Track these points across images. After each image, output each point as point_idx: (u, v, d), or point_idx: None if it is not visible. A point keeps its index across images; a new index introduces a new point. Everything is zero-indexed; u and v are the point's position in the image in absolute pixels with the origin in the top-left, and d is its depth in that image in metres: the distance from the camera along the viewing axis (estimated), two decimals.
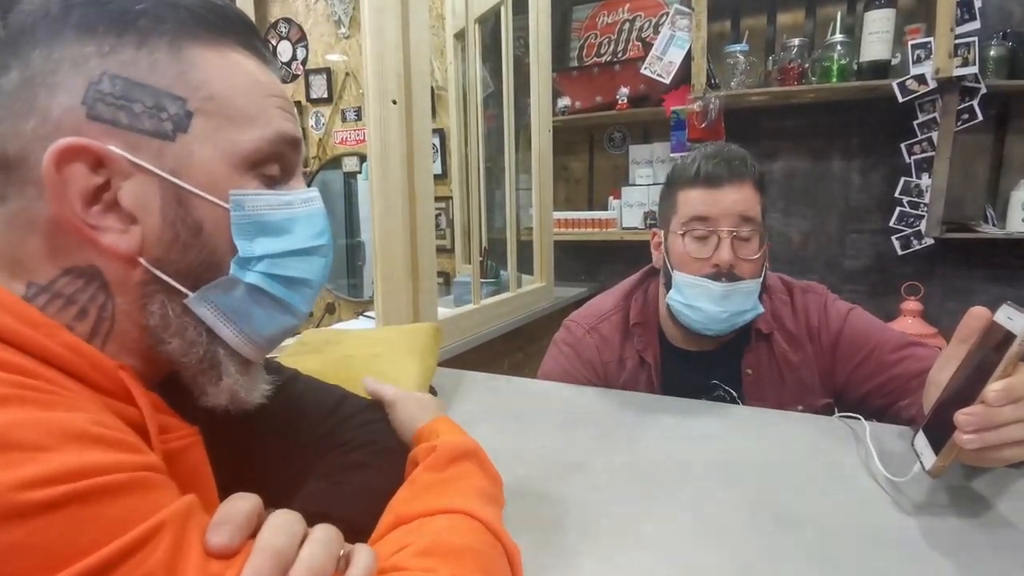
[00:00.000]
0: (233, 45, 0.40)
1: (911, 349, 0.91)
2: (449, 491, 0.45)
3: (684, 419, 0.85)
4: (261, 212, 0.40)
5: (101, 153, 0.35)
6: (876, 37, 1.84)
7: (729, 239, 0.87)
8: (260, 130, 0.40)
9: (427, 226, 1.27)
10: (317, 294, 0.45)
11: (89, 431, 0.29)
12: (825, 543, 0.53)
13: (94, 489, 0.27)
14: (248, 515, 0.32)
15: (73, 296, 0.36)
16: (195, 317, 0.39)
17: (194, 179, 0.37)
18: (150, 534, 0.27)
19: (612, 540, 0.54)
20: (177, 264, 0.38)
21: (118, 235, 0.36)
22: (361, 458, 0.52)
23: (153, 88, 0.36)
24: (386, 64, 1.16)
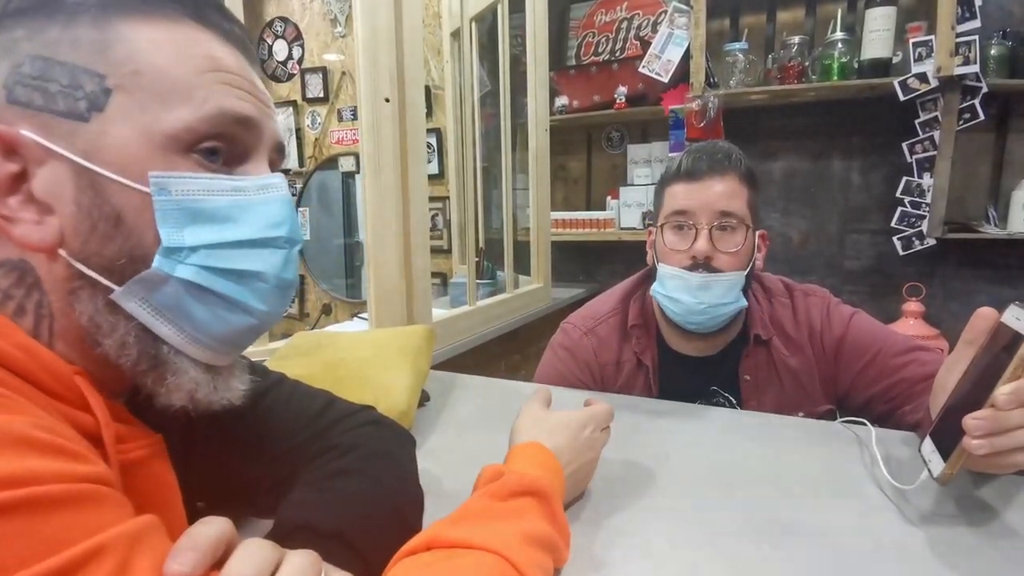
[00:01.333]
0: (178, 17, 0.36)
1: (915, 354, 0.89)
2: (494, 527, 0.42)
3: (683, 423, 0.83)
4: (195, 197, 0.36)
5: (11, 138, 0.33)
6: (877, 35, 1.82)
7: (707, 231, 0.88)
8: (194, 107, 0.36)
9: (421, 226, 1.25)
10: (280, 291, 0.40)
11: (29, 435, 0.27)
12: (827, 552, 0.51)
13: (30, 499, 0.25)
14: (214, 542, 0.29)
15: (8, 291, 0.34)
16: (125, 314, 0.35)
17: (110, 162, 0.34)
18: (88, 556, 0.25)
19: (608, 546, 0.52)
20: (99, 257, 0.35)
21: (31, 226, 0.34)
22: (348, 464, 0.49)
23: (71, 65, 0.34)
24: (379, 62, 1.14)
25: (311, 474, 0.48)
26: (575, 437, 0.57)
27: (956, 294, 2.00)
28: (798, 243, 2.21)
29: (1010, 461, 0.50)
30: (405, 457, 0.55)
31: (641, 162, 2.40)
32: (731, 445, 0.76)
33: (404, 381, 0.83)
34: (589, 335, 1.04)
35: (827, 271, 2.18)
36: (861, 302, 2.15)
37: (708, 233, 0.87)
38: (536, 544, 0.43)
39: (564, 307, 2.19)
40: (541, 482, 0.48)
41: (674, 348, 1.00)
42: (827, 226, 2.18)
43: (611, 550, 0.52)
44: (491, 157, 2.22)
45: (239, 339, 0.40)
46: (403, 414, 0.78)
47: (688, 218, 0.89)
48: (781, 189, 2.21)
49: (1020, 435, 0.48)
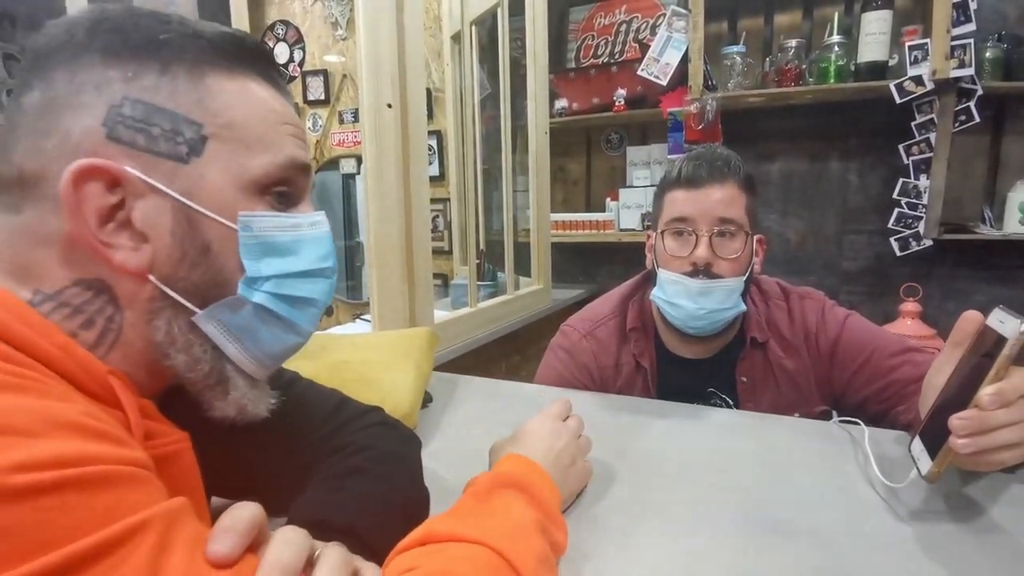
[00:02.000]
0: (250, 74, 0.41)
1: (909, 355, 0.91)
2: (482, 521, 0.45)
3: (680, 423, 0.84)
4: (269, 233, 0.41)
5: (117, 174, 0.36)
6: (873, 38, 1.84)
7: (707, 237, 0.89)
8: (272, 155, 0.41)
9: (423, 229, 1.27)
10: (321, 314, 0.46)
11: (80, 421, 0.29)
12: (820, 549, 0.53)
13: (80, 478, 0.27)
14: (250, 525, 0.32)
15: (80, 306, 0.37)
16: (201, 334, 0.40)
17: (204, 201, 0.38)
18: (133, 530, 0.27)
19: (607, 544, 0.54)
20: (185, 282, 0.39)
21: (129, 252, 0.37)
22: (360, 463, 0.51)
23: (172, 113, 0.38)
24: (381, 68, 1.15)
25: (325, 472, 0.50)
26: (541, 436, 0.60)
27: (953, 294, 2.02)
28: (796, 244, 2.23)
29: (994, 459, 0.51)
30: (412, 458, 0.57)
31: (640, 164, 2.42)
32: (727, 444, 0.77)
33: (408, 383, 0.84)
34: (588, 337, 1.05)
35: (825, 272, 2.20)
36: (859, 303, 2.17)
37: (708, 240, 0.89)
38: (526, 533, 0.45)
39: (564, 308, 2.20)
40: (518, 475, 0.51)
41: (672, 351, 1.02)
42: (825, 227, 2.19)
43: (607, 546, 0.54)
44: (491, 159, 2.24)
45: (285, 356, 0.45)
46: (407, 415, 0.79)
47: (688, 225, 0.90)
48: (779, 191, 2.23)
49: (1003, 434, 0.50)
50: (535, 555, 0.43)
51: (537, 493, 0.49)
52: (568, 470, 0.59)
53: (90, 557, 0.26)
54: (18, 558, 0.24)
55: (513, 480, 0.50)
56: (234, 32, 0.42)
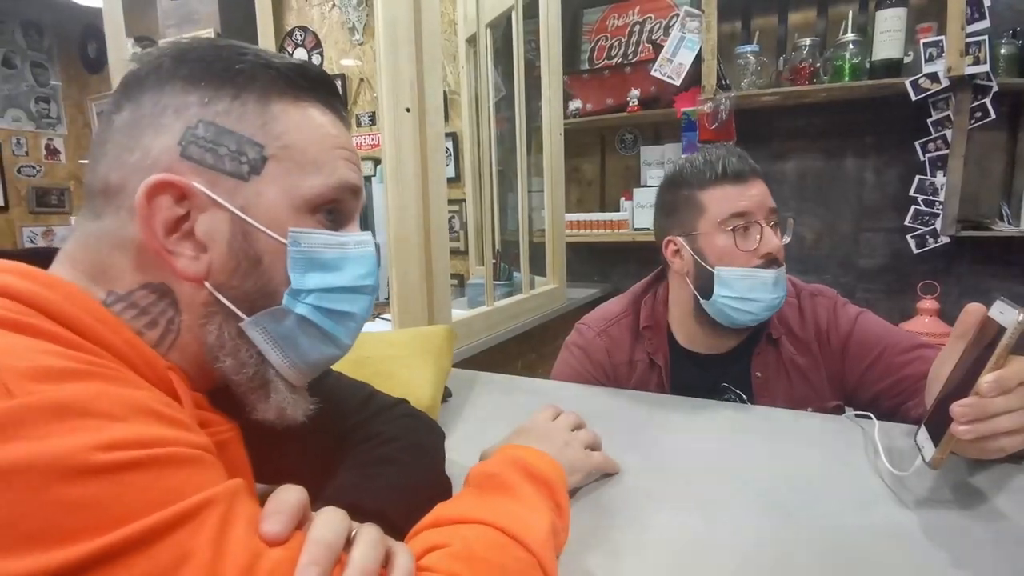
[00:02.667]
0: (313, 102, 0.45)
1: (920, 351, 0.92)
2: (485, 502, 0.47)
3: (694, 417, 0.87)
4: (316, 250, 0.44)
5: (185, 188, 0.40)
6: (888, 36, 1.84)
7: (769, 227, 0.90)
8: (325, 178, 0.44)
9: (441, 230, 1.30)
10: (360, 328, 0.49)
11: (154, 407, 0.32)
12: (827, 535, 0.54)
13: (156, 458, 0.30)
14: (297, 507, 0.35)
15: (146, 308, 0.41)
16: (248, 340, 0.43)
17: (260, 216, 0.42)
18: (201, 506, 0.30)
19: (622, 535, 0.56)
20: (236, 290, 0.42)
21: (190, 260, 0.41)
22: (389, 453, 0.55)
23: (238, 135, 0.41)
24: (400, 73, 1.19)
25: (356, 459, 0.54)
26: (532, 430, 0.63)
27: (971, 291, 2.01)
28: (811, 242, 2.23)
29: (995, 446, 0.53)
30: (437, 448, 0.60)
31: (654, 164, 2.43)
32: (739, 437, 0.79)
33: (428, 378, 0.87)
34: (602, 335, 1.07)
35: (841, 270, 2.20)
36: (876, 300, 2.16)
37: (770, 230, 0.91)
38: (527, 510, 0.47)
39: (579, 307, 2.22)
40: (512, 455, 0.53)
41: (686, 347, 1.04)
42: (841, 225, 2.19)
43: (623, 535, 0.56)
44: (506, 160, 2.27)
45: (323, 366, 0.48)
46: (428, 409, 0.82)
47: (748, 219, 0.90)
48: (794, 189, 2.23)
49: (1002, 421, 0.51)
50: (539, 528, 0.45)
51: (531, 467, 0.52)
52: (564, 449, 0.61)
53: (165, 529, 0.29)
54: (102, 528, 0.27)
55: (507, 460, 0.52)
56: (302, 63, 0.45)
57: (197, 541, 0.29)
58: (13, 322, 0.32)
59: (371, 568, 0.34)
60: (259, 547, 0.32)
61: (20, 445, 0.27)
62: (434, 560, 0.39)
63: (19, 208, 3.73)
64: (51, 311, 0.35)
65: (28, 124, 3.77)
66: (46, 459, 0.27)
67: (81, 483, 0.27)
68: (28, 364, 0.30)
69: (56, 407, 0.28)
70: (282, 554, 0.32)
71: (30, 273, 0.37)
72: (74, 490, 0.27)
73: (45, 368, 0.30)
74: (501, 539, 0.43)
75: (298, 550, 0.33)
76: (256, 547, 0.31)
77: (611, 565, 0.51)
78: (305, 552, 0.33)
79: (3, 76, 3.64)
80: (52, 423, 0.28)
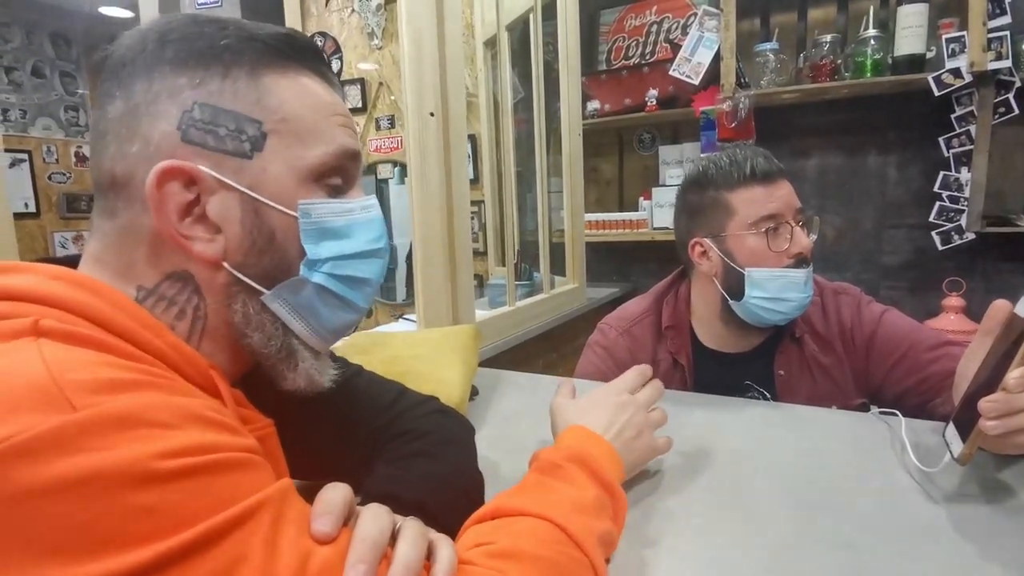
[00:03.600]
0: (302, 70, 0.44)
1: (946, 348, 0.91)
2: (547, 496, 0.48)
3: (719, 414, 0.87)
4: (325, 219, 0.44)
5: (193, 172, 0.40)
6: (910, 31, 1.83)
7: (798, 227, 0.91)
8: (325, 146, 0.44)
9: (464, 231, 1.32)
10: (375, 292, 0.50)
11: (205, 414, 0.34)
12: (857, 528, 0.55)
13: (213, 464, 0.31)
14: (344, 505, 0.36)
15: (174, 298, 0.42)
16: (271, 313, 0.44)
17: (268, 192, 0.42)
18: (254, 509, 0.32)
19: (650, 528, 0.57)
20: (255, 267, 0.43)
21: (206, 243, 0.41)
22: (422, 447, 0.56)
23: (235, 113, 0.41)
24: (424, 78, 1.21)
25: (391, 453, 0.55)
26: (606, 408, 0.62)
27: (997, 288, 1.98)
28: (833, 240, 2.22)
29: (1022, 440, 0.53)
30: (469, 443, 0.62)
31: (673, 163, 2.43)
32: (768, 434, 0.80)
33: (456, 377, 0.89)
34: (624, 335, 1.08)
35: (863, 267, 2.18)
36: (900, 298, 2.14)
37: (800, 229, 0.91)
38: (588, 510, 0.48)
39: (598, 307, 2.23)
40: (581, 450, 0.54)
41: (709, 346, 1.04)
42: (863, 222, 2.17)
43: (651, 528, 0.57)
44: (524, 162, 2.28)
45: (344, 331, 0.49)
46: (457, 406, 0.84)
47: (779, 219, 0.91)
48: (815, 186, 2.22)
49: None
50: (595, 530, 0.46)
51: (598, 468, 0.52)
52: (632, 442, 0.61)
53: (223, 532, 0.30)
54: (167, 532, 0.28)
55: (576, 456, 0.53)
56: (286, 31, 0.44)
57: (252, 543, 0.31)
58: (66, 333, 0.34)
59: (415, 563, 0.36)
60: (310, 546, 0.33)
61: (88, 456, 0.28)
62: (478, 555, 0.40)
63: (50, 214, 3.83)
64: (102, 320, 0.36)
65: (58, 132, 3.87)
66: (112, 468, 0.28)
67: (145, 490, 0.28)
68: (87, 376, 0.31)
69: (117, 418, 0.30)
70: (331, 552, 0.33)
71: (78, 280, 0.38)
72: (139, 497, 0.28)
73: (102, 380, 0.31)
74: (557, 535, 0.44)
75: (346, 547, 0.34)
76: (307, 547, 0.33)
77: (643, 559, 0.52)
78: (353, 550, 0.34)
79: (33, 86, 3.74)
80: (115, 434, 0.29)
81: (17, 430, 0.27)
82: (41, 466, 0.27)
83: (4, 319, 0.34)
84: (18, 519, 0.27)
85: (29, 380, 0.30)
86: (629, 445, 0.60)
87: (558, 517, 0.45)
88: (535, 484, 0.50)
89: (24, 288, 0.36)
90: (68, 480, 0.27)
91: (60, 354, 0.32)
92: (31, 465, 0.27)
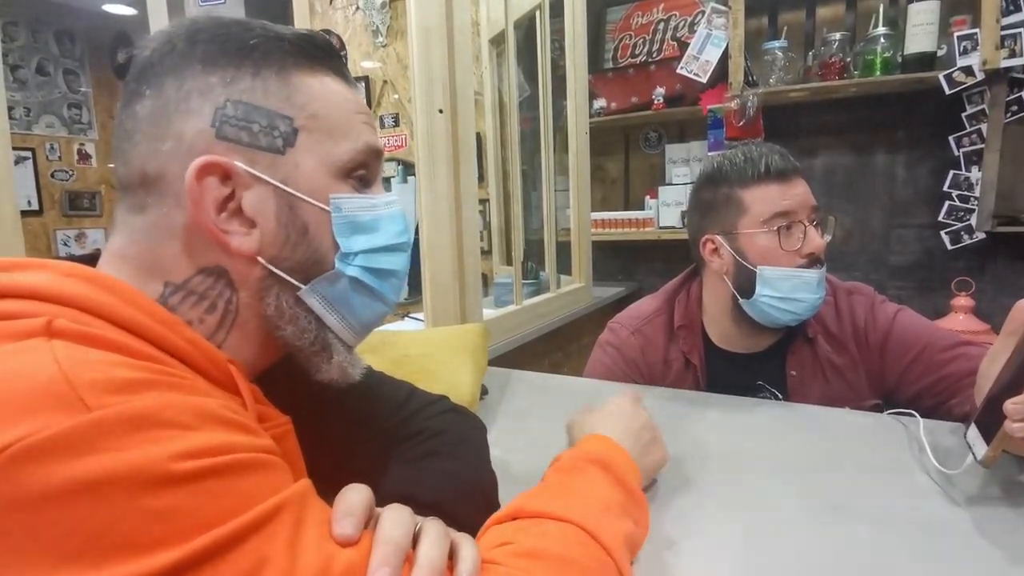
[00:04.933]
0: (325, 70, 0.45)
1: (962, 348, 0.90)
2: (571, 499, 0.47)
3: (732, 415, 0.86)
4: (355, 213, 0.45)
5: (228, 167, 0.40)
6: (921, 29, 1.81)
7: (812, 227, 0.90)
8: (352, 142, 0.45)
9: (471, 230, 1.31)
10: (403, 285, 0.50)
11: (223, 415, 0.33)
12: (877, 531, 0.54)
13: (229, 465, 0.31)
14: (365, 507, 0.36)
15: (205, 292, 0.42)
16: (305, 307, 0.44)
17: (301, 187, 0.43)
18: (274, 511, 0.31)
19: (665, 530, 0.56)
20: (289, 261, 0.43)
21: (242, 238, 0.42)
22: (434, 447, 0.56)
23: (267, 110, 0.42)
24: (432, 75, 1.20)
25: (405, 453, 0.55)
26: (621, 415, 0.63)
27: (1007, 288, 1.97)
28: (841, 239, 2.20)
29: None
30: (481, 442, 0.61)
31: (680, 162, 2.42)
32: (782, 435, 0.79)
33: (466, 375, 0.89)
34: (636, 334, 1.07)
35: (872, 267, 2.17)
36: (908, 298, 2.13)
37: (814, 229, 0.90)
38: (611, 512, 0.47)
39: (604, 306, 2.22)
40: (603, 454, 0.53)
41: (721, 346, 1.03)
42: (871, 221, 2.16)
43: (666, 531, 0.56)
44: (530, 160, 2.27)
45: (375, 324, 0.50)
46: (468, 405, 0.83)
47: (791, 218, 0.90)
48: (822, 185, 2.20)
49: None
50: (620, 532, 0.46)
51: (620, 473, 0.52)
52: (648, 447, 0.61)
53: (243, 535, 0.29)
54: (185, 536, 0.28)
55: (598, 459, 0.52)
56: (308, 33, 0.46)
57: (274, 546, 0.30)
58: (80, 334, 0.33)
59: (438, 564, 0.35)
60: (332, 549, 0.32)
61: (101, 458, 0.27)
62: (503, 555, 0.39)
63: (53, 212, 3.83)
64: (117, 318, 0.36)
65: (61, 130, 3.87)
66: (128, 470, 0.27)
67: (162, 493, 0.28)
68: (101, 376, 0.30)
69: (132, 419, 0.29)
70: (354, 555, 0.33)
71: (92, 277, 0.37)
72: (156, 500, 0.28)
73: (117, 380, 0.30)
74: (583, 537, 0.43)
75: (369, 550, 0.33)
76: (329, 550, 0.32)
77: (651, 561, 0.52)
78: (375, 553, 0.33)
79: (37, 83, 3.74)
80: (130, 435, 0.28)
81: (29, 431, 0.27)
82: (55, 468, 0.26)
83: (17, 318, 0.33)
84: (31, 523, 0.26)
85: (42, 381, 0.29)
86: (643, 452, 0.61)
87: (583, 518, 0.44)
88: (557, 485, 0.50)
89: (37, 286, 0.35)
90: (82, 483, 0.27)
91: (74, 354, 0.31)
92: (44, 467, 0.26)
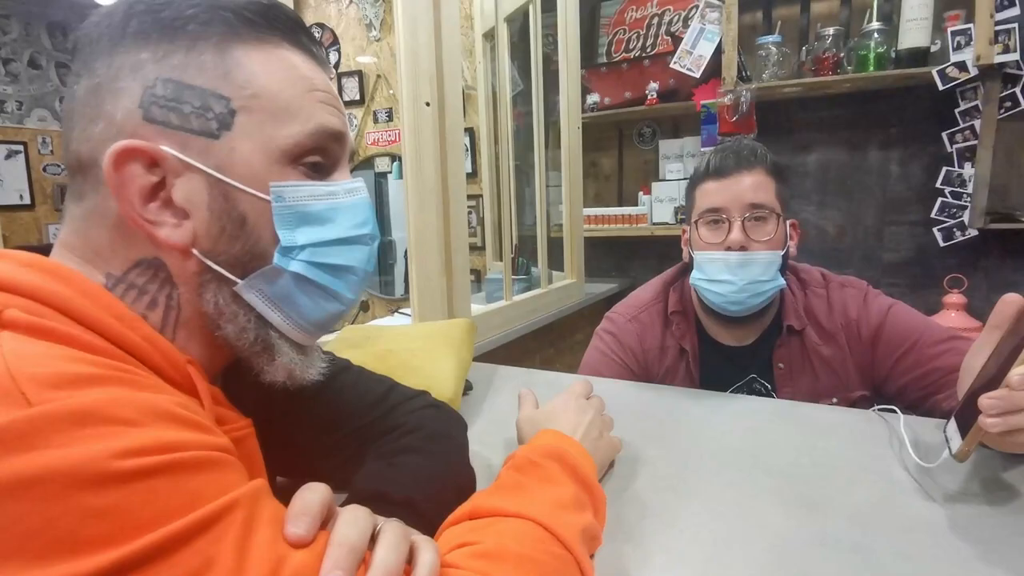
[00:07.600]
0: (279, 42, 0.41)
1: (952, 343, 0.90)
2: (524, 495, 0.46)
3: (718, 411, 0.86)
4: (303, 203, 0.41)
5: (154, 153, 0.37)
6: (914, 24, 1.80)
7: (739, 223, 0.91)
8: (301, 124, 0.41)
9: (460, 224, 1.30)
10: (364, 281, 0.46)
11: (173, 411, 0.32)
12: (853, 526, 0.54)
13: (177, 463, 0.29)
14: (321, 506, 0.34)
15: (144, 286, 0.39)
16: (245, 304, 0.41)
17: (237, 174, 0.39)
18: (224, 510, 0.30)
19: (647, 526, 0.56)
20: (226, 254, 0.40)
21: (172, 229, 0.39)
22: (412, 443, 0.55)
23: (200, 89, 0.38)
24: (419, 67, 1.19)
25: (380, 449, 0.54)
26: (569, 411, 0.63)
27: (999, 285, 1.96)
28: (834, 236, 2.20)
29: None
30: (460, 438, 0.60)
31: (673, 157, 2.41)
32: (764, 430, 0.78)
33: (449, 371, 0.88)
34: (633, 321, 1.09)
35: (864, 264, 2.16)
36: (900, 295, 2.10)
37: (741, 224, 0.91)
38: (567, 506, 0.46)
39: (597, 302, 2.22)
40: (557, 449, 0.52)
41: (712, 337, 1.04)
42: (864, 218, 2.15)
43: (649, 524, 0.56)
44: (522, 155, 2.26)
45: (329, 323, 0.46)
46: (450, 401, 0.83)
47: (721, 213, 0.93)
48: (816, 182, 2.20)
49: None
50: (577, 526, 0.45)
51: (575, 465, 0.51)
52: (597, 442, 0.61)
53: (188, 535, 0.28)
54: (126, 536, 0.27)
55: (551, 453, 0.51)
56: (267, 1, 0.41)
57: (221, 547, 0.29)
58: (30, 326, 0.32)
59: (394, 568, 0.33)
60: (283, 551, 0.31)
61: (40, 454, 0.26)
62: (461, 557, 0.38)
63: (45, 206, 3.81)
64: (73, 311, 0.34)
65: (53, 123, 3.84)
66: (67, 468, 0.26)
67: (103, 491, 0.27)
68: (46, 371, 0.29)
69: (75, 414, 0.28)
70: (306, 557, 0.31)
71: (50, 268, 0.36)
72: (96, 498, 0.27)
73: (63, 375, 0.29)
74: (539, 533, 0.42)
75: (322, 551, 0.32)
76: (280, 551, 0.31)
77: (639, 557, 0.51)
78: (328, 555, 0.32)
79: (29, 77, 3.71)
80: (71, 431, 0.27)
81: None
82: None
83: None
84: None
85: None
86: (595, 444, 0.60)
87: (540, 515, 0.43)
88: (513, 483, 0.49)
89: None
90: (19, 480, 0.25)
91: (20, 347, 0.30)
92: None
